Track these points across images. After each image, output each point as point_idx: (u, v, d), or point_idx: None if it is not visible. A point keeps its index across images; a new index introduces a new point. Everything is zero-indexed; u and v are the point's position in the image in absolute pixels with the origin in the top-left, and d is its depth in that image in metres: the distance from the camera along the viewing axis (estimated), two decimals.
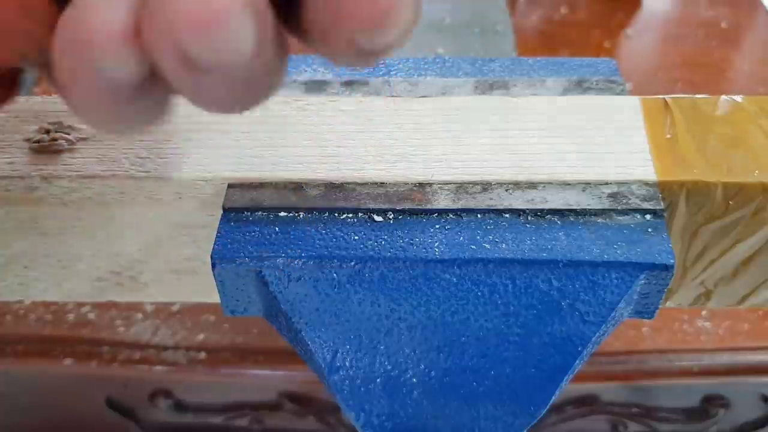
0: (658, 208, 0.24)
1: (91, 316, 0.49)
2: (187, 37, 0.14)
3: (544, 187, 0.24)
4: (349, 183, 0.25)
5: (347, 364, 0.22)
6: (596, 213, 0.24)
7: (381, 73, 0.29)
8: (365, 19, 0.15)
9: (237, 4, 0.14)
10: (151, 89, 0.16)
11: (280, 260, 0.23)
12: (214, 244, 0.23)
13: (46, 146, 0.25)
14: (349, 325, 0.23)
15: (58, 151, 0.25)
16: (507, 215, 0.24)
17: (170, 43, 0.14)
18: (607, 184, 0.24)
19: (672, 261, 0.22)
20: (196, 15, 0.14)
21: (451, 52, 0.65)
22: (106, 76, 0.15)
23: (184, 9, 0.14)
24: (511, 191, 0.24)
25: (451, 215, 0.24)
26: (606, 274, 0.23)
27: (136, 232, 0.27)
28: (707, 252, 0.26)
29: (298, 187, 0.25)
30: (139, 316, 0.49)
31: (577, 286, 0.23)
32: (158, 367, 0.47)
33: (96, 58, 0.15)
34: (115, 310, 0.49)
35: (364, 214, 0.24)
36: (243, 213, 0.24)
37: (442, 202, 0.24)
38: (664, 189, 0.24)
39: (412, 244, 0.23)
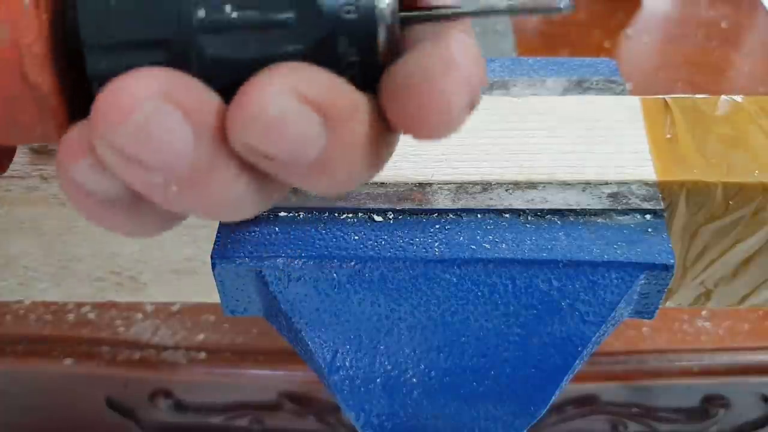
0: (658, 208, 0.24)
1: (91, 316, 0.49)
2: (106, 133, 0.15)
3: (544, 187, 0.24)
4: None
5: (347, 364, 0.22)
6: (596, 213, 0.24)
7: None
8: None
9: (147, 94, 0.14)
10: (140, 199, 0.16)
11: (280, 260, 0.23)
12: (214, 244, 0.23)
13: (46, 146, 0.25)
14: (349, 325, 0.23)
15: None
16: (507, 215, 0.24)
17: (102, 141, 0.15)
18: (607, 184, 0.24)
19: (672, 261, 0.22)
20: (111, 111, 0.15)
21: None
22: (87, 189, 0.16)
23: (99, 104, 0.15)
24: (511, 191, 0.24)
25: (450, 215, 0.24)
26: (606, 274, 0.23)
27: None
28: (707, 252, 0.26)
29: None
30: (139, 316, 0.49)
31: (577, 286, 0.23)
32: (158, 367, 0.47)
33: (70, 172, 0.16)
34: (115, 310, 0.49)
35: (364, 214, 0.24)
36: None
37: (442, 202, 0.24)
38: (664, 189, 0.24)
39: (412, 244, 0.23)
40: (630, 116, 0.26)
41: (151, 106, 0.14)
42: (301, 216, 0.24)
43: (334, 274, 0.23)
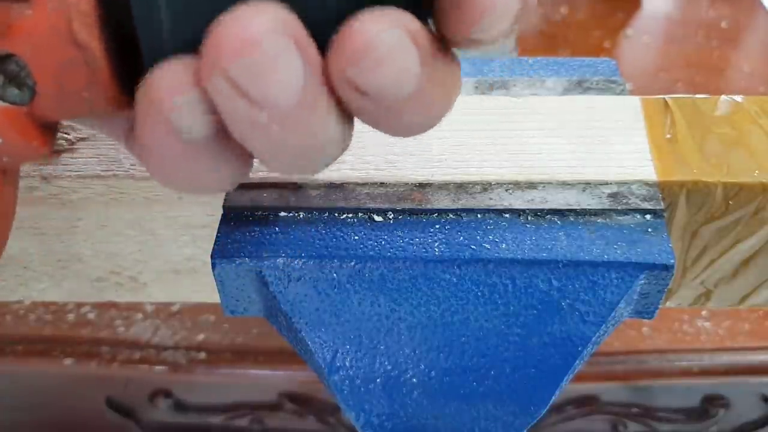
0: (658, 208, 0.24)
1: (91, 316, 0.49)
2: (226, 66, 0.15)
3: (544, 187, 0.24)
4: (349, 183, 0.25)
5: (347, 364, 0.22)
6: (596, 213, 0.24)
7: None
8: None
9: (267, 28, 0.15)
10: (222, 145, 0.17)
11: (280, 260, 0.23)
12: (214, 244, 0.23)
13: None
14: (349, 325, 0.23)
15: (57, 151, 0.25)
16: (507, 215, 0.24)
17: (219, 74, 0.15)
18: (607, 184, 0.24)
19: (672, 261, 0.22)
20: (232, 44, 0.15)
21: None
22: (178, 127, 0.16)
23: (218, 38, 0.15)
24: (511, 191, 0.24)
25: (450, 215, 0.24)
26: (606, 274, 0.23)
27: (136, 231, 0.27)
28: (707, 252, 0.26)
29: (298, 187, 0.25)
30: (139, 316, 0.49)
31: (577, 286, 0.23)
32: (158, 367, 0.47)
33: (165, 110, 0.16)
34: (115, 310, 0.49)
35: (364, 214, 0.24)
36: (243, 213, 0.24)
37: (442, 202, 0.24)
38: (664, 189, 0.24)
39: (411, 244, 0.23)
40: (630, 116, 0.26)
41: (272, 39, 0.15)
42: (301, 216, 0.24)
43: (334, 274, 0.23)
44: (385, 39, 0.15)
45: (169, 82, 0.16)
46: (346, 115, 0.17)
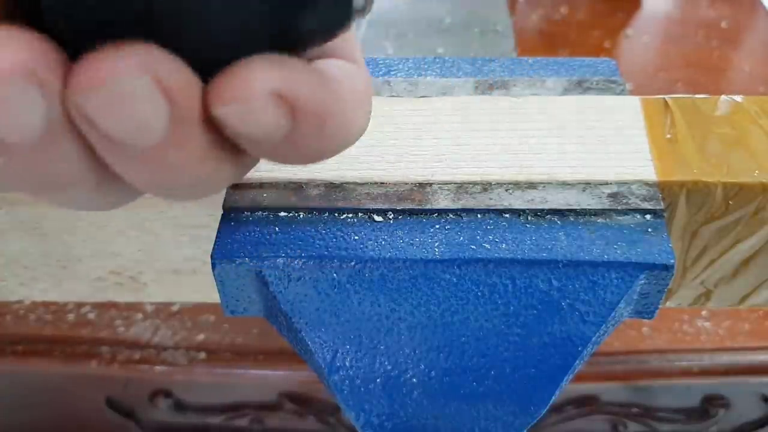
0: (658, 208, 0.24)
1: (91, 316, 0.49)
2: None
3: (544, 187, 0.24)
4: (349, 183, 0.25)
5: (347, 364, 0.22)
6: (596, 213, 0.24)
7: (381, 73, 0.29)
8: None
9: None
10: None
11: (280, 260, 0.23)
12: (214, 244, 0.23)
13: None
14: (349, 325, 0.23)
15: None
16: (507, 215, 0.24)
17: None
18: (607, 184, 0.24)
19: (672, 261, 0.22)
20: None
21: (451, 52, 0.65)
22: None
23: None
24: (511, 191, 0.24)
25: (451, 215, 0.24)
26: (606, 274, 0.23)
27: (136, 231, 0.27)
28: (707, 252, 0.26)
29: (298, 187, 0.25)
30: (139, 316, 0.49)
31: (577, 286, 0.23)
32: (158, 367, 0.47)
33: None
34: (115, 310, 0.49)
35: (364, 214, 0.24)
36: (243, 213, 0.24)
37: (442, 202, 0.24)
38: (664, 189, 0.24)
39: (412, 244, 0.23)
40: (630, 116, 0.26)
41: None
42: (301, 216, 0.24)
43: (334, 274, 0.23)
44: (123, 83, 0.14)
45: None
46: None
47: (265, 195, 0.24)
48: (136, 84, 0.14)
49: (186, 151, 0.16)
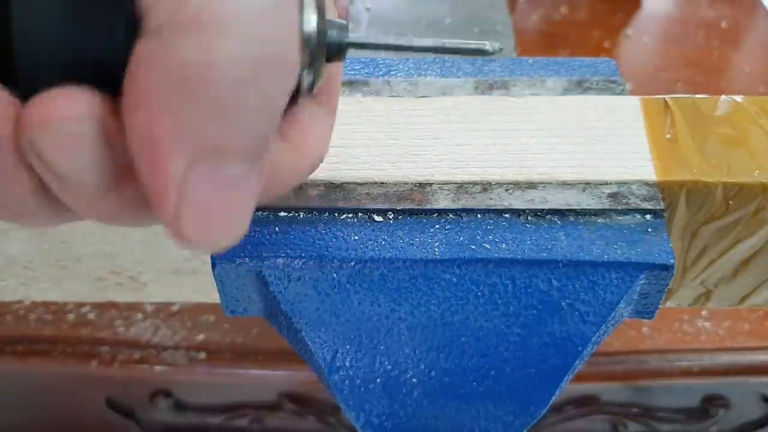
0: (658, 208, 0.24)
1: (91, 316, 0.49)
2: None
3: (544, 187, 0.24)
4: (348, 183, 0.25)
5: (347, 364, 0.22)
6: (596, 213, 0.24)
7: (381, 73, 0.29)
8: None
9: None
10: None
11: (280, 260, 0.23)
12: None
13: None
14: (349, 325, 0.23)
15: None
16: (507, 215, 0.24)
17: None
18: (607, 184, 0.24)
19: (672, 261, 0.22)
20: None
21: None
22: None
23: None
24: (511, 191, 0.24)
25: (451, 215, 0.24)
26: (606, 274, 0.23)
27: (136, 231, 0.27)
28: (707, 252, 0.26)
29: (297, 187, 0.25)
30: (139, 316, 0.49)
31: (577, 286, 0.23)
32: (158, 367, 0.47)
33: None
34: (115, 310, 0.49)
35: (364, 214, 0.24)
36: None
37: (442, 202, 0.24)
38: (664, 189, 0.24)
39: (412, 244, 0.23)
40: (630, 116, 0.26)
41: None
42: (301, 216, 0.24)
43: (334, 274, 0.23)
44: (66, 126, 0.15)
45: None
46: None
47: None
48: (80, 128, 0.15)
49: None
